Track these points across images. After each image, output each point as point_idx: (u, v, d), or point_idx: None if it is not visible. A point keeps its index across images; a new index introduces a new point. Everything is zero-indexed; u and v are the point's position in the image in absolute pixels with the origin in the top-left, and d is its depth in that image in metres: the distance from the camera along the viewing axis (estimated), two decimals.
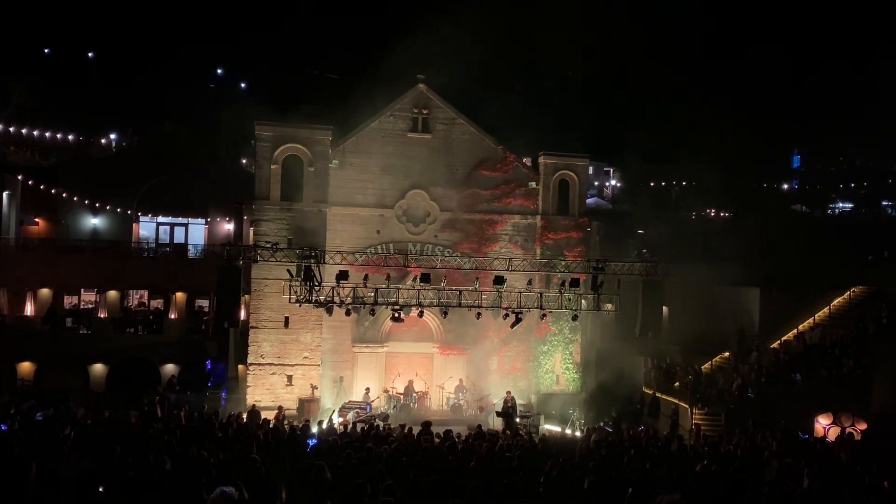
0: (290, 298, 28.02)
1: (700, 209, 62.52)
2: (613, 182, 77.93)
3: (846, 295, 35.16)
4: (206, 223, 40.74)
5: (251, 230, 33.98)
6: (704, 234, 45.29)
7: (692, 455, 18.63)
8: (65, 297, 36.76)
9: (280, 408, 27.72)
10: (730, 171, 57.96)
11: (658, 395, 32.47)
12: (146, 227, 40.91)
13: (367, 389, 31.31)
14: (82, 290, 37.27)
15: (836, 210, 69.23)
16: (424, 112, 33.46)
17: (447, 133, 33.64)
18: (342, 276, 27.16)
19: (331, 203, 32.10)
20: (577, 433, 27.54)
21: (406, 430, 21.97)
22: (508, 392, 30.20)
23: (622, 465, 15.96)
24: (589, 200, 46.33)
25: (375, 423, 25.41)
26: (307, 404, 30.29)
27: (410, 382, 32.52)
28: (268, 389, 31.09)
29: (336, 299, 27.79)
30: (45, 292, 36.09)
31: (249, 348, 31.26)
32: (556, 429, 29.49)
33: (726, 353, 34.38)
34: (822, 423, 28.15)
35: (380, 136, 33.20)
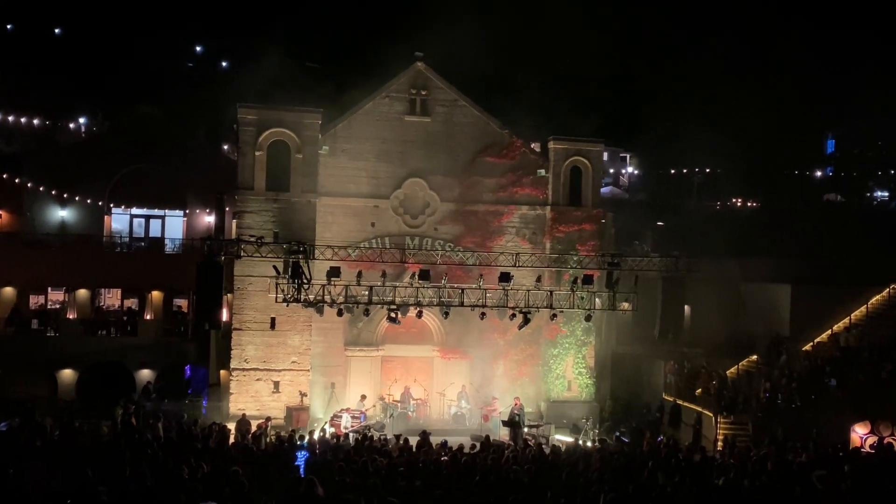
0: (276, 297, 28.01)
1: (725, 198, 62.35)
2: (630, 169, 77.75)
3: (885, 292, 35.11)
4: (185, 215, 40.74)
5: (234, 223, 33.97)
6: (730, 226, 45.18)
7: (717, 468, 18.66)
8: (30, 296, 36.78)
9: (268, 418, 27.76)
10: (758, 157, 57.86)
11: (679, 402, 32.48)
12: (119, 220, 40.92)
13: (362, 397, 31.34)
14: (49, 288, 37.29)
15: (875, 199, 69.06)
16: (423, 93, 33.41)
17: (448, 116, 33.59)
18: (333, 272, 27.16)
19: (321, 193, 32.08)
20: (591, 444, 27.56)
21: (403, 442, 21.99)
22: (517, 399, 30.23)
23: (640, 479, 15.98)
24: (603, 189, 46.27)
25: (370, 434, 25.46)
26: (296, 413, 30.32)
27: (408, 389, 32.54)
28: (252, 397, 31.10)
29: (327, 298, 27.79)
30: (8, 291, 36.12)
31: (232, 352, 31.26)
32: (568, 439, 29.49)
33: (754, 357, 34.38)
34: (859, 432, 28.13)
35: (374, 120, 33.15)
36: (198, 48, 69.00)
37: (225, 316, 32.77)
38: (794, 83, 58.71)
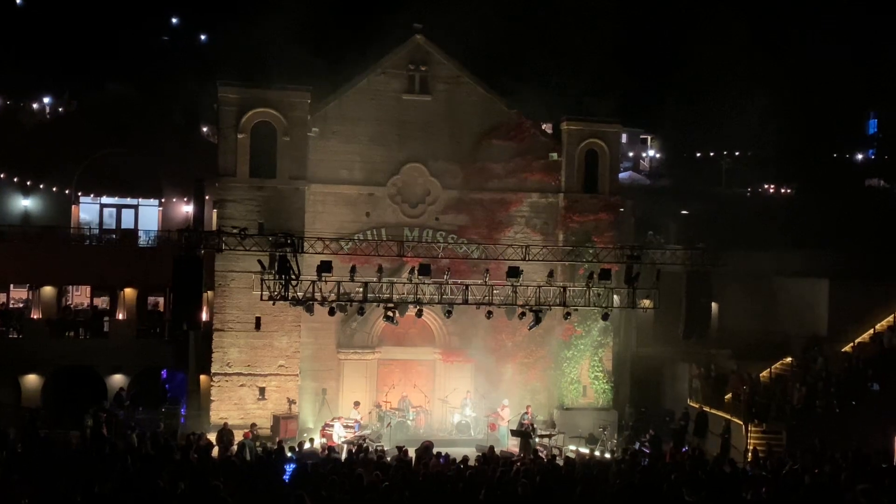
0: (261, 295, 27.98)
1: (757, 184, 62.39)
2: (651, 152, 77.81)
3: None
4: (160, 205, 40.76)
5: (214, 213, 33.91)
6: (762, 215, 45.20)
7: (747, 481, 18.64)
8: None
9: (253, 425, 27.79)
10: (793, 139, 57.76)
11: (706, 409, 32.48)
12: (88, 210, 40.94)
13: (356, 404, 31.33)
14: (11, 285, 37.37)
15: None
16: (423, 69, 33.34)
17: (450, 94, 33.52)
18: (324, 267, 27.14)
19: (310, 180, 32.03)
20: (609, 455, 27.56)
21: (402, 453, 21.99)
22: (528, 407, 30.23)
23: (662, 494, 15.97)
24: (622, 175, 46.26)
25: (365, 445, 25.46)
26: (283, 422, 30.33)
27: (407, 396, 32.55)
28: (236, 404, 31.11)
29: (317, 296, 27.77)
30: None
31: (213, 355, 31.26)
32: (584, 450, 29.51)
33: (788, 359, 34.38)
34: None
35: (369, 99, 33.09)
36: (174, 20, 68.95)
37: (205, 316, 32.78)
38: (833, 57, 58.54)
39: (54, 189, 39.35)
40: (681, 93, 59.52)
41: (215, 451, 24.67)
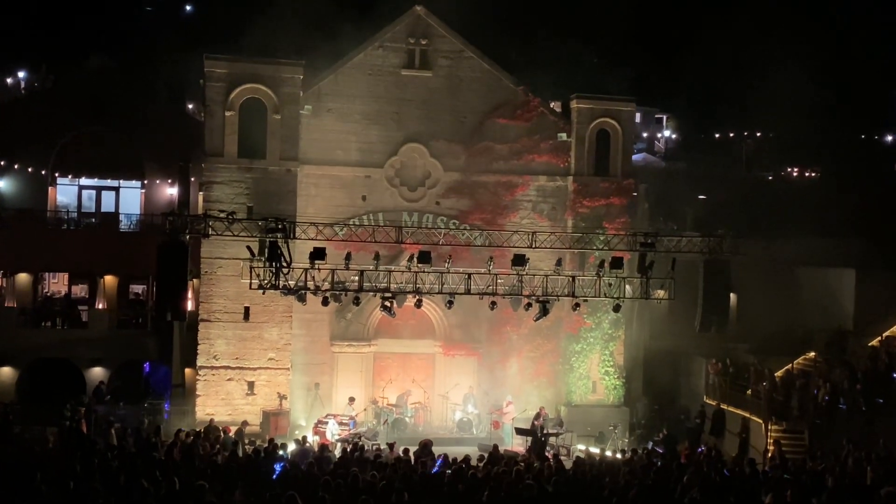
0: (250, 283, 28.00)
1: (779, 168, 62.30)
2: (667, 133, 77.69)
3: None
4: (143, 187, 40.69)
5: (200, 196, 33.95)
6: (784, 200, 45.16)
7: (767, 484, 18.68)
8: None
9: (244, 422, 27.84)
10: (818, 120, 57.64)
11: (723, 406, 32.53)
12: (65, 192, 40.87)
13: (351, 400, 31.41)
14: None
15: None
16: (423, 43, 33.28)
17: (453, 70, 33.47)
18: (318, 254, 27.12)
19: (302, 161, 32.02)
20: (620, 456, 27.62)
21: (401, 452, 22.04)
22: (542, 409, 30.30)
23: (675, 496, 16.01)
24: (636, 157, 46.21)
25: (361, 443, 25.52)
26: (273, 418, 30.41)
27: (406, 391, 32.61)
28: (223, 400, 31.20)
29: (310, 285, 27.77)
30: None
31: (199, 347, 31.33)
32: (593, 450, 29.58)
33: (811, 354, 34.37)
34: None
35: (366, 74, 33.05)
36: None
37: (190, 305, 32.77)
38: (859, 32, 58.40)
39: (29, 170, 39.27)
40: (699, 69, 59.40)
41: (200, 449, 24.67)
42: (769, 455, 26.57)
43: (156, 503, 13.00)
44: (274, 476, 19.32)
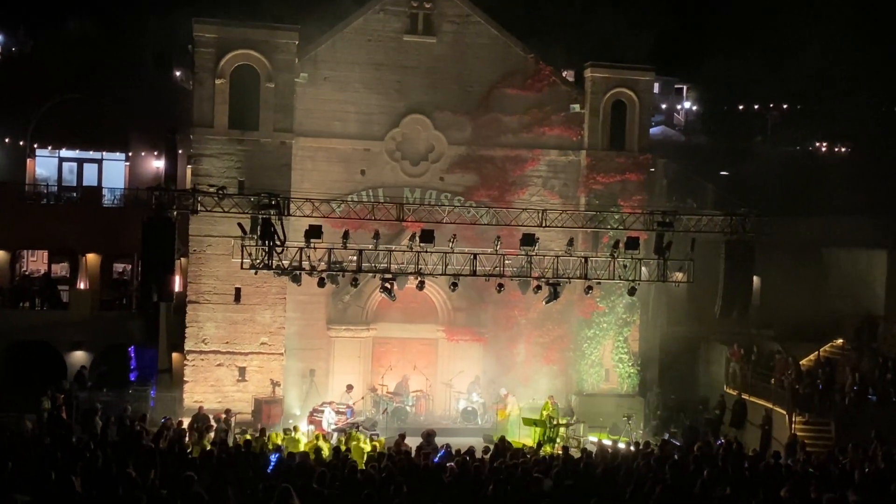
0: (242, 263, 28.02)
1: (807, 142, 62.08)
2: (688, 104, 77.47)
3: None
4: (127, 159, 40.66)
5: (189, 169, 33.93)
6: (812, 177, 45.01)
7: (790, 478, 18.71)
8: None
9: (228, 411, 27.93)
10: (848, 90, 57.41)
11: (745, 396, 32.59)
12: (45, 165, 40.86)
13: (349, 387, 31.49)
14: None
15: None
16: (427, 6, 33.17)
17: (458, 36, 33.37)
18: (313, 232, 27.13)
19: (297, 132, 32.00)
20: (633, 448, 27.67)
21: (401, 443, 22.12)
22: (551, 398, 30.35)
23: (692, 492, 16.03)
24: (654, 130, 46.09)
25: (359, 433, 25.60)
26: (266, 406, 30.50)
27: (406, 378, 32.69)
28: (213, 386, 31.30)
29: (305, 265, 27.80)
30: None
31: (187, 330, 31.41)
32: (606, 441, 29.62)
33: (839, 341, 34.42)
34: None
35: (365, 40, 32.96)
36: None
37: (178, 286, 32.84)
38: None
39: (6, 140, 39.25)
40: (722, 36, 59.14)
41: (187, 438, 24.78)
42: (793, 448, 26.61)
43: (140, 495, 13.03)
44: (269, 468, 19.39)
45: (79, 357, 35.21)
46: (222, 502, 13.97)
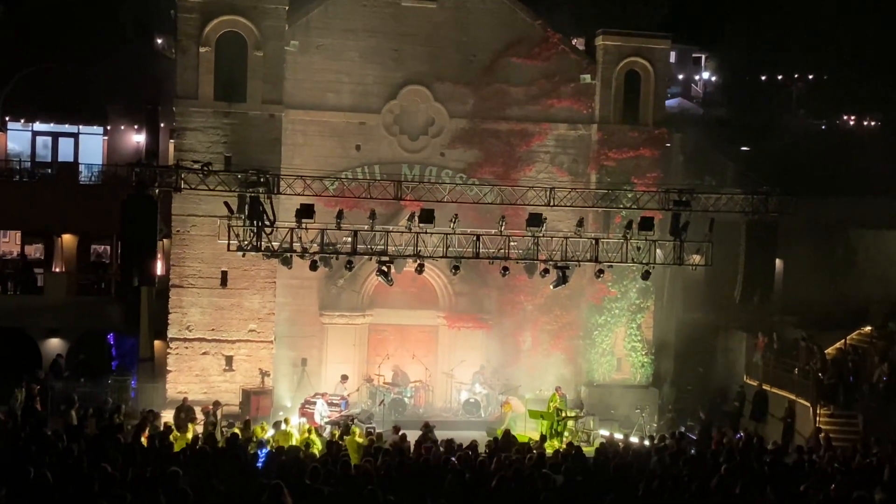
0: (228, 244, 28.09)
1: (834, 115, 61.96)
2: (706, 75, 77.24)
3: None
4: (106, 133, 40.66)
5: (171, 144, 33.92)
6: (840, 152, 44.97)
7: (813, 474, 18.78)
8: None
9: (216, 403, 28.00)
10: (879, 60, 57.28)
11: (766, 387, 32.65)
12: (17, 139, 40.86)
13: (343, 378, 31.56)
14: None
15: None
16: None
17: (460, 1, 33.30)
18: (305, 212, 27.16)
19: (288, 105, 31.96)
20: (647, 443, 27.76)
21: (399, 436, 22.18)
22: (558, 389, 30.39)
23: (712, 488, 16.09)
24: (670, 102, 46.02)
25: (354, 426, 25.68)
26: (255, 398, 30.57)
27: (397, 368, 32.75)
28: (197, 376, 31.36)
29: (296, 246, 27.84)
30: None
31: (170, 316, 31.45)
32: (617, 435, 29.69)
33: (867, 328, 34.44)
34: None
35: (360, 6, 32.89)
36: None
37: (160, 269, 32.87)
38: None
39: None
40: (744, 1, 58.91)
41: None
42: (817, 442, 26.68)
43: (120, 492, 13.07)
44: (259, 462, 19.47)
45: (54, 345, 35.29)
46: (209, 499, 14.00)
